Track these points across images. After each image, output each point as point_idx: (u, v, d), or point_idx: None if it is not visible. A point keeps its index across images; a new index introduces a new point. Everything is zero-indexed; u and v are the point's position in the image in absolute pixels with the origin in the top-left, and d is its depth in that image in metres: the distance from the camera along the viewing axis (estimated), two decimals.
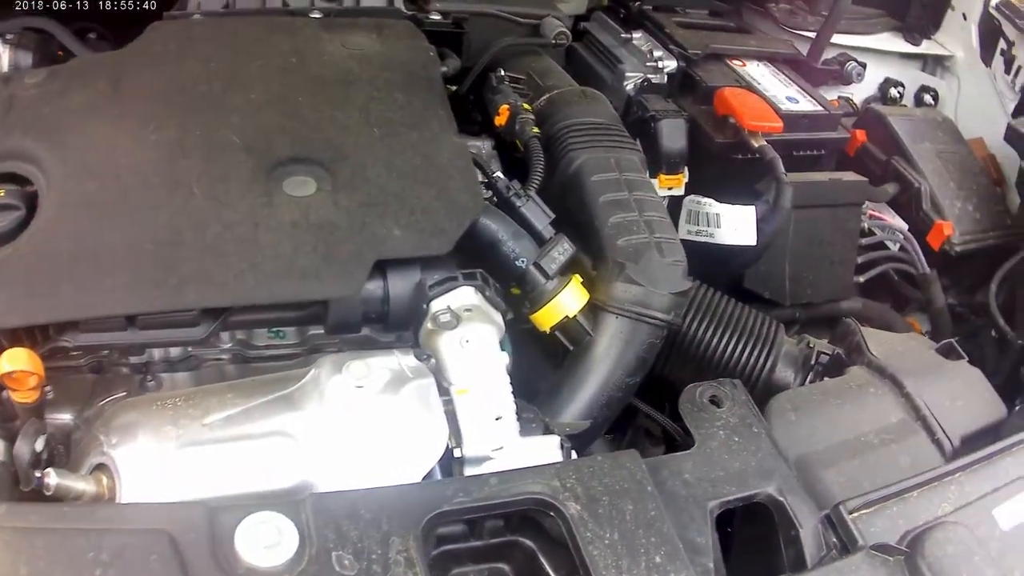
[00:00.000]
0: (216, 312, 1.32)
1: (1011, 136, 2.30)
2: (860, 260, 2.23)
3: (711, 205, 2.00)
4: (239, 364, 1.46)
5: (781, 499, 1.22)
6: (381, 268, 1.38)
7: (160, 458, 1.15)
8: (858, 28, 2.62)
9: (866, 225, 2.23)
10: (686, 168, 2.04)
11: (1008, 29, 2.56)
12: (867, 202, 2.22)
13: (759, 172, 2.02)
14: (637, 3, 2.38)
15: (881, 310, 2.26)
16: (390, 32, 1.91)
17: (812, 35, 2.50)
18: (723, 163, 2.06)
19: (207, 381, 1.39)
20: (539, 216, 1.62)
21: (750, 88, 2.17)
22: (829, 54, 2.56)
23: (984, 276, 2.30)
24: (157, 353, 1.40)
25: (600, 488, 1.13)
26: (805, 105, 2.20)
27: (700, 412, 1.32)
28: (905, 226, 2.29)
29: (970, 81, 2.70)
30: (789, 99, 2.20)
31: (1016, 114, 2.55)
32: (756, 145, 1.98)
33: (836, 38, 2.53)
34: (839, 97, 2.58)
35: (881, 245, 2.27)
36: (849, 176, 2.18)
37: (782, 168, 1.95)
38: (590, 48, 2.33)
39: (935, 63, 2.80)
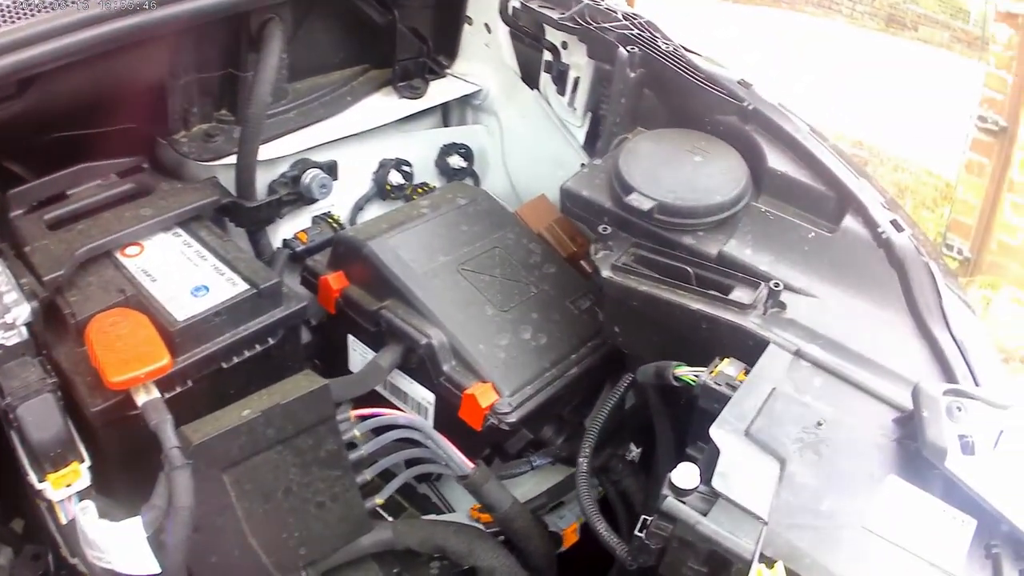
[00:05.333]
0: None
1: (569, 206, 1.70)
2: (370, 477, 1.66)
3: (87, 522, 1.43)
4: None
5: None
6: None
7: None
8: (319, 111, 1.98)
9: (356, 432, 1.63)
10: (81, 449, 1.50)
11: (552, 33, 1.99)
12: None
13: None
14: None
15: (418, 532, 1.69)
16: None
17: None
18: (113, 436, 1.54)
19: None
20: None
21: (138, 299, 1.61)
22: (276, 171, 1.95)
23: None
24: None
25: None
26: (222, 291, 1.64)
27: None
28: (429, 400, 1.71)
29: (515, 117, 2.13)
30: (196, 291, 1.64)
31: (589, 144, 1.98)
32: (140, 404, 1.47)
33: (286, 143, 1.93)
34: (314, 220, 2.01)
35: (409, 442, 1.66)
36: (295, 387, 1.55)
37: (171, 438, 1.42)
38: None
39: (461, 107, 2.19)
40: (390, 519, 1.78)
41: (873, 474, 1.24)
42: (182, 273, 1.69)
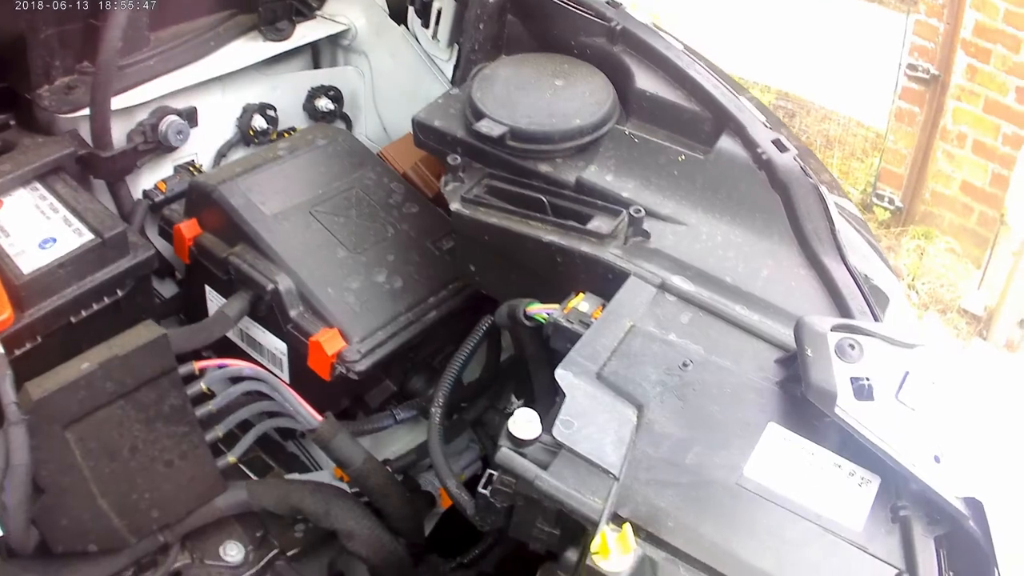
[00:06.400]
0: None
1: (422, 138, 1.60)
2: (222, 433, 1.57)
3: None
4: None
5: None
6: None
7: None
8: (180, 58, 1.90)
9: (203, 385, 1.56)
10: None
11: None
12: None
13: None
14: None
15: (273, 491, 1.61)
16: None
17: None
18: None
19: None
20: None
21: None
22: (134, 120, 1.88)
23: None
24: None
25: None
26: (68, 242, 1.60)
27: None
28: (282, 350, 1.65)
29: (383, 55, 2.09)
30: (44, 244, 1.61)
31: (456, 76, 1.90)
32: None
33: (144, 90, 1.85)
34: (175, 169, 1.95)
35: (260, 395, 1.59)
36: (134, 338, 1.48)
37: (8, 393, 1.36)
38: None
39: (332, 49, 2.17)
40: (254, 478, 1.73)
41: (750, 422, 1.11)
42: (33, 227, 1.64)
